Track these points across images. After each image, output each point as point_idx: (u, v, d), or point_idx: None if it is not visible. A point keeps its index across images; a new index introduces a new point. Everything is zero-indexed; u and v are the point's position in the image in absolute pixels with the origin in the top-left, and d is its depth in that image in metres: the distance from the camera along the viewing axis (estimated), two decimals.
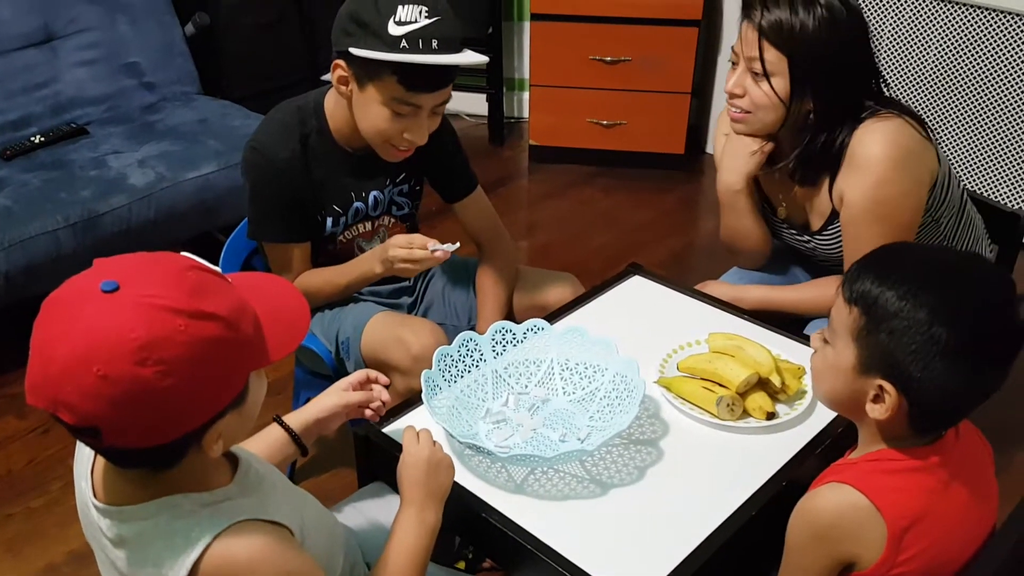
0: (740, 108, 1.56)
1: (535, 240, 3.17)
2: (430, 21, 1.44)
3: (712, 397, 1.36)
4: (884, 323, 0.98)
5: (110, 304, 0.79)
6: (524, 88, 3.80)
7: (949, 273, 1.03)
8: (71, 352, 0.77)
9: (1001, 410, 2.26)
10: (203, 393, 0.83)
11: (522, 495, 1.24)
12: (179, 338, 0.79)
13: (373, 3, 1.46)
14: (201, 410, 0.84)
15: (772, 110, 1.53)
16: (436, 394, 1.34)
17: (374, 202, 1.70)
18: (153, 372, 0.78)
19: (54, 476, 2.11)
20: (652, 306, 1.66)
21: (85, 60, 2.76)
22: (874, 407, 1.02)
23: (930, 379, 0.97)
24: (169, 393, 0.79)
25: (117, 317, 0.78)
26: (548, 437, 1.33)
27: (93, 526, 0.95)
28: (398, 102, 1.50)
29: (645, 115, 3.36)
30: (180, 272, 0.83)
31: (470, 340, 1.42)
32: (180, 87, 2.92)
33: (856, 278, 1.03)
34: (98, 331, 0.78)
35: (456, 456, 1.29)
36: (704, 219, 3.38)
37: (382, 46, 1.44)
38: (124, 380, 0.77)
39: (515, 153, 3.68)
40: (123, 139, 2.64)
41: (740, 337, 1.45)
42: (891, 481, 1.03)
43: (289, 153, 1.58)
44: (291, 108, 1.63)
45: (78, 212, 2.34)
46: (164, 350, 0.78)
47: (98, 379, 0.77)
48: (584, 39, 3.26)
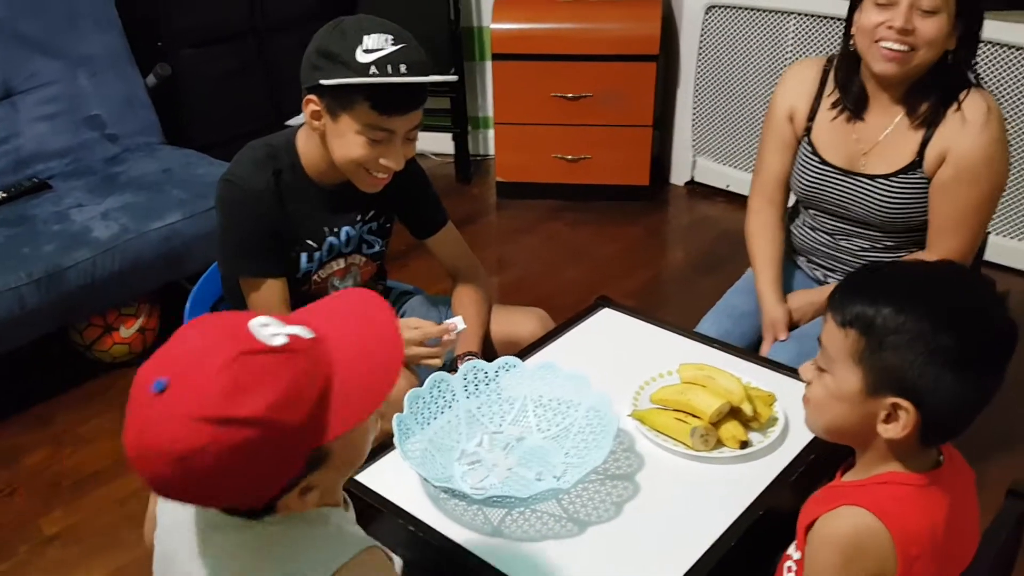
0: (909, 45, 1.57)
1: (506, 276, 3.18)
2: (396, 48, 1.47)
3: (686, 428, 1.36)
4: (886, 340, 0.98)
5: (157, 410, 0.82)
6: (489, 126, 3.83)
7: (935, 283, 1.03)
8: (131, 447, 0.84)
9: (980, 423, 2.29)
10: (252, 483, 0.84)
11: (500, 537, 1.23)
12: (211, 449, 0.81)
13: (340, 35, 1.49)
14: (259, 491, 0.86)
15: (936, 47, 1.58)
16: (409, 437, 1.33)
17: (346, 238, 1.70)
18: (197, 474, 0.82)
19: (20, 540, 2.06)
20: (622, 338, 1.67)
21: (46, 114, 2.74)
22: (887, 427, 1.01)
23: (942, 388, 0.97)
24: (217, 485, 0.83)
25: (163, 427, 0.82)
26: (524, 476, 1.32)
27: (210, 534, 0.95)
28: (372, 128, 1.51)
29: (609, 149, 3.40)
30: (225, 365, 0.82)
31: (441, 381, 1.41)
32: (143, 138, 2.91)
33: (845, 302, 1.02)
34: (146, 435, 0.83)
35: (431, 500, 1.28)
36: (671, 249, 3.41)
37: (352, 73, 1.46)
38: (175, 479, 0.82)
39: (482, 190, 3.70)
40: (86, 192, 2.61)
41: (710, 367, 1.46)
42: (901, 507, 1.02)
43: (264, 184, 1.59)
44: (262, 145, 1.65)
45: (41, 267, 2.31)
46: (198, 461, 0.81)
47: (151, 475, 0.83)
48: (545, 77, 3.30)
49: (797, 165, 1.82)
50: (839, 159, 1.75)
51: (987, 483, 2.05)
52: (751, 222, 1.90)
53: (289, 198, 1.62)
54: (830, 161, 1.75)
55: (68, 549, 2.03)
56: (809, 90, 1.78)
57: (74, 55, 2.80)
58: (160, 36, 2.98)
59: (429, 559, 1.24)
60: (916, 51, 1.58)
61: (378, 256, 1.79)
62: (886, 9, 1.57)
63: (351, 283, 1.76)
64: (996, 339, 1.00)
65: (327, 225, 1.67)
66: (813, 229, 1.85)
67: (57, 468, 2.27)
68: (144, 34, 2.96)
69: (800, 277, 1.91)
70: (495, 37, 3.27)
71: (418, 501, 1.29)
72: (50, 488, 2.21)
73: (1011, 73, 2.73)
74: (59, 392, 2.52)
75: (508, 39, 3.27)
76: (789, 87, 1.82)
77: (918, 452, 1.05)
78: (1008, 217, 2.92)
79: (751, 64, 3.26)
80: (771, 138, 1.85)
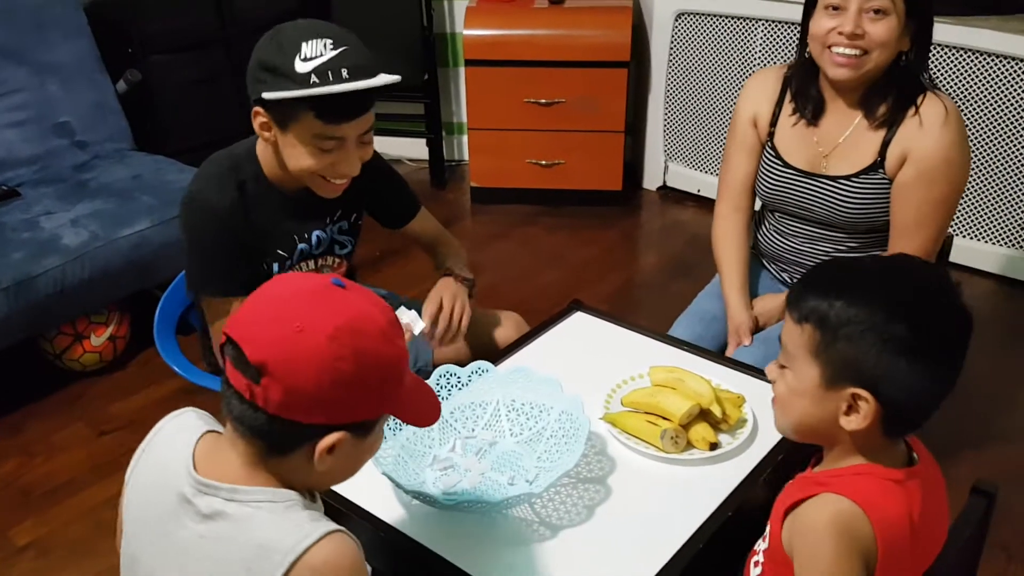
0: (860, 49, 1.59)
1: (481, 281, 3.15)
2: (336, 52, 1.44)
3: (656, 431, 1.37)
4: (840, 332, 0.99)
5: (334, 291, 0.94)
6: (463, 131, 3.84)
7: (888, 273, 1.05)
8: (286, 306, 0.92)
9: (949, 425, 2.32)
10: (354, 395, 0.92)
11: (473, 542, 1.23)
12: (369, 339, 0.92)
13: (277, 46, 1.46)
14: (345, 409, 0.93)
15: (888, 48, 1.59)
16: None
17: (317, 241, 1.69)
18: (336, 350, 0.89)
19: None
20: (594, 342, 1.68)
21: (14, 121, 2.72)
22: (849, 419, 1.02)
23: (898, 377, 0.98)
24: (336, 376, 0.90)
25: (335, 299, 0.93)
26: (497, 481, 1.33)
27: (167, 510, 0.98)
28: (320, 138, 1.49)
29: (582, 154, 3.42)
30: (388, 308, 0.98)
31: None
32: (113, 144, 2.89)
33: (800, 298, 1.04)
34: (316, 301, 0.92)
35: (403, 506, 1.28)
36: (644, 253, 3.44)
37: (293, 85, 1.43)
38: (312, 341, 0.89)
39: (457, 196, 3.71)
40: (55, 199, 2.59)
41: (680, 369, 1.48)
42: (882, 498, 1.03)
43: (228, 200, 1.57)
44: (223, 157, 1.63)
45: (10, 275, 2.29)
46: (354, 339, 0.91)
47: (295, 332, 0.89)
48: (518, 83, 3.31)
49: (761, 169, 1.85)
50: (801, 162, 1.77)
51: (952, 482, 2.10)
52: (718, 227, 1.92)
53: (256, 210, 1.60)
54: (793, 164, 1.78)
55: (40, 560, 2.01)
56: (771, 97, 1.81)
57: (42, 62, 2.78)
58: (130, 42, 2.96)
59: (402, 566, 1.24)
60: (868, 54, 1.60)
61: (349, 256, 1.79)
62: (836, 15, 1.60)
63: None
64: (949, 326, 1.01)
65: (296, 232, 1.67)
66: (779, 233, 1.88)
67: (28, 478, 2.25)
68: (114, 40, 2.94)
69: (767, 281, 1.93)
70: (467, 43, 3.28)
71: (390, 508, 1.29)
72: (21, 498, 2.19)
73: (971, 77, 2.79)
74: (29, 401, 2.50)
75: (480, 45, 3.28)
76: (751, 94, 1.85)
77: (885, 447, 1.06)
78: (971, 219, 2.98)
79: (720, 70, 3.29)
80: (736, 143, 1.88)
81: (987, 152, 2.85)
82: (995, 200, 2.90)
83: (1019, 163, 2.82)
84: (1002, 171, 2.85)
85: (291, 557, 0.90)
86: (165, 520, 0.98)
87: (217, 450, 1.00)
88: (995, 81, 2.76)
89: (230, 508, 0.95)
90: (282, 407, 0.91)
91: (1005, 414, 2.39)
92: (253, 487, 0.95)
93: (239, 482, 0.96)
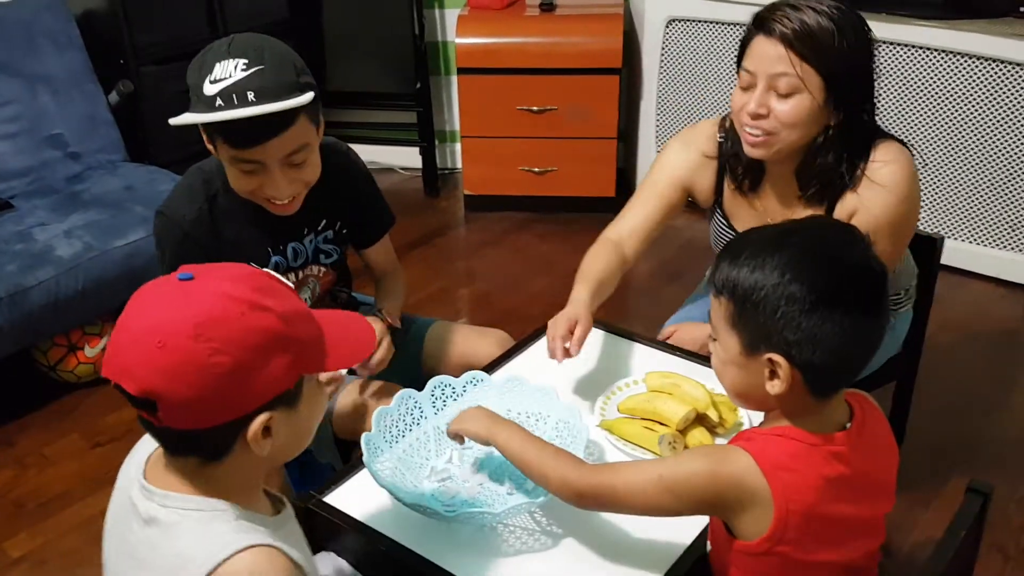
0: (763, 130, 1.50)
1: (474, 288, 3.19)
2: (245, 74, 1.37)
3: (654, 437, 1.37)
4: (748, 300, 1.02)
5: (183, 288, 0.90)
6: (456, 140, 3.85)
7: (790, 236, 1.05)
8: (141, 324, 0.89)
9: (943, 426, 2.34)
10: (250, 378, 0.89)
11: (473, 552, 1.23)
12: (234, 322, 0.88)
13: (199, 64, 1.42)
14: (248, 395, 0.90)
15: (800, 128, 1.48)
16: (377, 456, 1.33)
17: (293, 254, 1.66)
18: (206, 347, 0.86)
19: None
20: (588, 349, 1.67)
21: (7, 133, 2.71)
22: (772, 384, 1.03)
23: (805, 336, 0.99)
24: (218, 371, 0.87)
25: (185, 297, 0.89)
26: (495, 491, 1.33)
27: (125, 512, 0.98)
28: (238, 161, 1.46)
29: (575, 161, 3.43)
30: (253, 273, 0.94)
31: (409, 398, 1.41)
32: (105, 155, 2.88)
33: (716, 271, 1.07)
34: (166, 308, 0.89)
35: (403, 519, 1.27)
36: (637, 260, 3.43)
37: (202, 107, 1.39)
38: (179, 351, 0.86)
39: (450, 203, 3.71)
40: (48, 211, 2.59)
41: (676, 375, 1.48)
42: (790, 462, 1.03)
43: (195, 213, 1.55)
44: (194, 172, 1.61)
45: (3, 287, 2.28)
46: (219, 329, 0.87)
47: (157, 349, 0.86)
48: (510, 90, 3.32)
49: (714, 233, 1.78)
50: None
51: (948, 483, 2.12)
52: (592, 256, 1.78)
53: (225, 223, 1.57)
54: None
55: (34, 571, 2.00)
56: (707, 167, 1.70)
57: (34, 73, 2.77)
58: (122, 53, 2.95)
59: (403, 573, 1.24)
60: (777, 134, 1.49)
61: (337, 264, 1.76)
62: (747, 92, 1.50)
63: (307, 295, 1.72)
64: (848, 281, 1.00)
65: (270, 245, 1.63)
66: None
67: (21, 490, 2.24)
68: (106, 51, 2.94)
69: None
70: (460, 51, 3.29)
71: (389, 521, 1.28)
72: (14, 510, 2.18)
73: (960, 81, 2.80)
74: (23, 413, 2.49)
75: (472, 53, 3.29)
76: (682, 158, 1.72)
77: (814, 409, 1.06)
78: (963, 221, 2.99)
79: (712, 76, 3.31)
80: (651, 189, 1.75)
81: (978, 155, 2.87)
82: (987, 202, 2.92)
83: (1010, 165, 2.84)
84: (993, 173, 2.87)
85: (204, 569, 0.89)
86: (121, 523, 1.00)
87: (162, 459, 0.99)
88: (985, 84, 2.77)
89: (161, 514, 0.95)
90: (188, 421, 0.89)
91: (999, 415, 2.40)
92: (185, 495, 0.95)
93: (174, 489, 0.95)
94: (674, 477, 1.06)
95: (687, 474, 1.06)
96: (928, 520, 2.04)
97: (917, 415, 2.06)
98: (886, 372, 1.89)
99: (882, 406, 1.19)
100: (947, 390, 2.46)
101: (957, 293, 2.91)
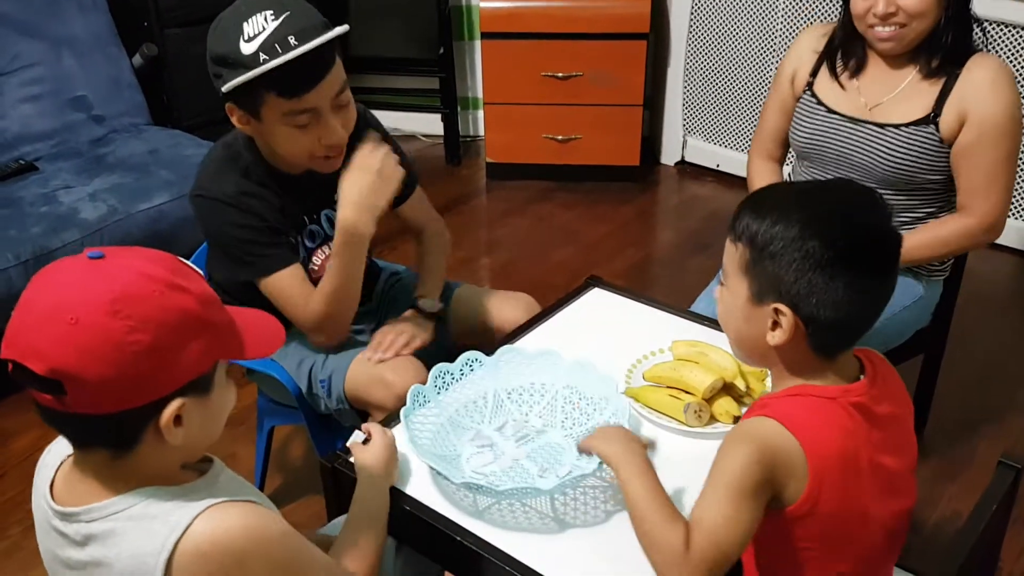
0: (897, 24, 1.63)
1: (496, 258, 3.18)
2: (278, 22, 1.39)
3: (679, 405, 1.36)
4: (765, 250, 1.03)
5: (95, 266, 0.85)
6: (478, 107, 3.81)
7: (815, 194, 1.10)
8: (50, 301, 0.83)
9: (971, 399, 2.31)
10: (166, 360, 0.85)
11: (498, 525, 1.21)
12: (153, 300, 0.84)
13: (222, 34, 1.42)
14: (163, 378, 0.87)
15: (927, 17, 1.62)
16: (421, 408, 1.32)
17: (327, 221, 1.67)
18: (123, 325, 0.82)
19: (13, 520, 2.06)
20: (613, 317, 1.67)
21: (31, 96, 2.72)
22: (773, 334, 1.05)
23: (816, 291, 1.01)
24: (134, 349, 0.83)
25: (98, 274, 0.84)
26: (527, 469, 1.30)
27: (53, 540, 0.95)
28: (293, 114, 1.45)
29: (599, 129, 3.39)
30: (166, 256, 0.91)
31: (475, 360, 1.40)
32: (129, 119, 2.88)
33: (737, 218, 1.08)
34: (78, 285, 0.84)
35: (427, 479, 1.28)
36: (661, 229, 3.41)
37: (243, 69, 1.39)
38: (94, 327, 0.82)
39: (472, 171, 3.69)
40: (73, 173, 2.59)
41: (703, 343, 1.46)
42: (811, 417, 1.04)
43: (234, 187, 1.54)
44: (219, 148, 1.60)
45: (29, 249, 2.30)
46: (137, 306, 0.83)
47: (70, 325, 0.81)
48: (535, 56, 3.28)
49: (799, 116, 1.84)
50: (846, 108, 1.77)
51: (977, 458, 2.10)
52: (752, 173, 1.94)
53: (263, 194, 1.57)
54: (837, 110, 1.78)
55: None
56: (814, 50, 1.83)
57: (58, 35, 2.77)
58: (146, 16, 2.94)
59: (424, 535, 1.24)
60: (908, 26, 1.64)
61: None
62: None
63: None
64: (865, 243, 1.03)
65: (305, 213, 1.63)
66: None
67: None
68: (130, 14, 2.93)
69: None
70: (484, 16, 3.25)
71: (413, 481, 1.28)
72: None
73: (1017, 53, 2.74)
74: None
75: (497, 17, 3.25)
76: (795, 51, 1.87)
77: (820, 368, 1.07)
78: None
79: (741, 41, 3.25)
80: (774, 99, 1.91)
81: None
82: (1019, 174, 2.86)
83: None
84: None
85: (164, 556, 0.87)
86: (58, 555, 0.96)
87: (72, 471, 0.96)
88: (1008, 53, 2.70)
89: (94, 528, 0.91)
90: (99, 405, 0.85)
91: None
92: (105, 501, 0.91)
93: (94, 500, 0.91)
94: (738, 479, 1.01)
95: (741, 465, 1.01)
96: (954, 493, 2.02)
97: (944, 388, 2.03)
98: (914, 344, 1.87)
99: (909, 378, 1.18)
100: (974, 363, 2.43)
101: (986, 266, 2.87)
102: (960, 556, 1.06)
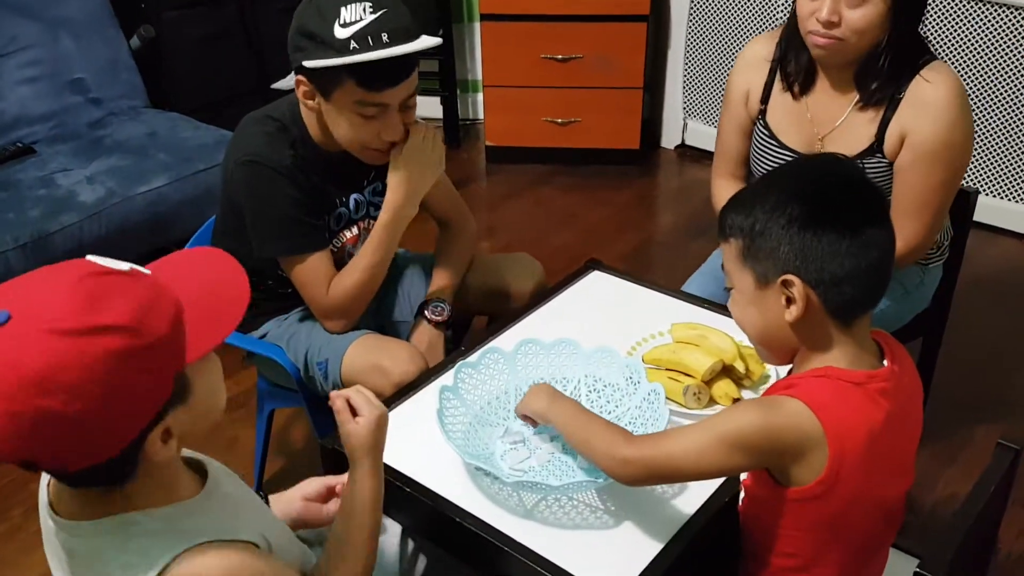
0: (835, 36, 1.55)
1: (496, 241, 3.17)
2: (375, 16, 1.43)
3: (679, 387, 1.36)
4: (755, 231, 1.06)
5: (3, 338, 0.76)
6: (478, 89, 3.80)
7: (783, 171, 1.18)
8: None
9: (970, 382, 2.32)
10: (121, 407, 0.79)
11: (532, 521, 1.20)
12: (77, 361, 0.76)
13: (316, 12, 1.44)
14: (127, 423, 0.81)
15: (868, 35, 1.55)
16: (450, 404, 1.30)
17: (355, 205, 1.68)
18: (57, 400, 0.75)
19: (15, 502, 2.06)
20: (613, 300, 1.67)
21: (28, 78, 2.70)
22: (790, 311, 1.05)
23: (812, 252, 1.02)
24: (82, 415, 0.77)
25: (12, 352, 0.76)
26: (566, 462, 1.28)
27: (51, 534, 0.93)
28: (363, 104, 1.48)
29: (599, 112, 3.38)
30: (73, 285, 0.79)
31: (495, 351, 1.38)
32: (127, 101, 2.87)
33: (721, 221, 1.12)
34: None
35: (426, 461, 1.28)
36: (661, 213, 3.41)
37: (332, 52, 1.42)
38: (31, 414, 0.75)
39: (472, 155, 3.67)
40: (71, 156, 2.59)
41: (702, 326, 1.47)
42: (838, 404, 1.04)
43: (289, 159, 1.55)
44: (263, 118, 1.59)
45: (27, 232, 2.29)
46: (61, 376, 0.75)
47: (6, 418, 0.75)
48: (535, 38, 3.26)
49: (755, 148, 1.79)
50: (797, 143, 1.72)
51: (977, 439, 2.10)
52: (718, 197, 1.84)
53: (310, 170, 1.58)
54: (788, 144, 1.73)
55: None
56: (762, 67, 1.75)
57: (55, 17, 2.76)
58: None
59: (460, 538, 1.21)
60: (847, 41, 1.55)
61: None
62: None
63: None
64: (835, 191, 1.06)
65: (337, 196, 1.65)
66: None
67: None
68: None
69: None
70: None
71: (412, 463, 1.27)
72: None
73: (997, 32, 2.72)
74: None
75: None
76: (742, 66, 1.79)
77: (842, 339, 1.06)
78: (997, 177, 2.93)
79: (742, 23, 3.24)
80: (728, 119, 1.82)
81: (1013, 108, 2.80)
82: (1021, 157, 2.85)
83: None
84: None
85: None
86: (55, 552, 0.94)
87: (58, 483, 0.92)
88: (1018, 36, 2.69)
89: (76, 545, 0.89)
90: (76, 464, 0.81)
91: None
92: (95, 520, 0.88)
93: (85, 517, 0.89)
94: (734, 433, 1.04)
95: (745, 427, 1.04)
96: (952, 475, 2.03)
97: (943, 371, 2.04)
98: (914, 328, 1.87)
99: None
100: (974, 347, 2.43)
101: (987, 249, 2.86)
102: (958, 537, 1.07)
